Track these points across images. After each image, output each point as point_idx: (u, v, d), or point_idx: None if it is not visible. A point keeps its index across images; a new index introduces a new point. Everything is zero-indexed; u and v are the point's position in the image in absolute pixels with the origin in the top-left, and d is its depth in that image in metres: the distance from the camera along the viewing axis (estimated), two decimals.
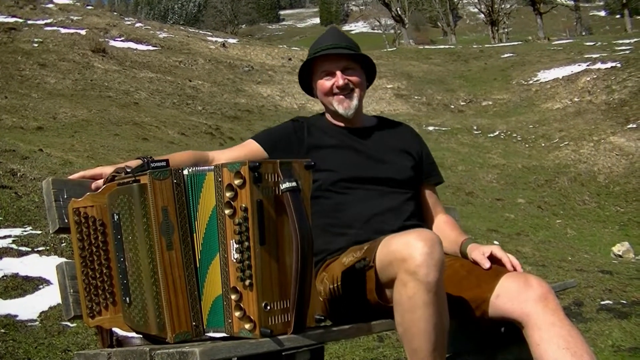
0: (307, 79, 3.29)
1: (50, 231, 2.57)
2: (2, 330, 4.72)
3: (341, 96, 3.12)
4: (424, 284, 2.34)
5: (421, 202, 3.29)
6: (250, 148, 3.06)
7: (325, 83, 3.15)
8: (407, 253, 2.37)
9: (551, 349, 2.45)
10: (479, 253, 2.85)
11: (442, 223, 3.25)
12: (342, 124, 3.22)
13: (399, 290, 2.41)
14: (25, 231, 6.55)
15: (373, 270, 2.58)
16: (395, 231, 2.72)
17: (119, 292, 2.31)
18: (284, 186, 2.17)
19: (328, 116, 3.28)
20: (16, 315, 5.02)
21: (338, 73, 3.11)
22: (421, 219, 3.19)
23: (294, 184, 2.18)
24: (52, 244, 6.22)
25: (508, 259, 2.81)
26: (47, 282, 5.50)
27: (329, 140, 3.13)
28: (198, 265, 2.25)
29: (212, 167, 2.23)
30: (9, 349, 4.40)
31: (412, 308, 2.38)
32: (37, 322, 4.96)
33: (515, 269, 2.76)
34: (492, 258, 2.82)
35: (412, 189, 3.19)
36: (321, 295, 2.82)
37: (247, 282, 2.14)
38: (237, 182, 2.14)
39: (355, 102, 3.14)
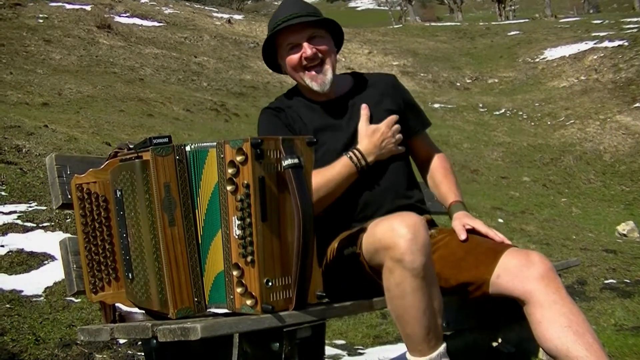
0: (273, 57, 3.07)
1: (54, 207, 2.58)
2: (8, 306, 4.74)
3: (313, 72, 2.93)
4: (410, 270, 2.33)
5: (415, 155, 3.17)
6: None
7: (293, 57, 2.93)
8: (391, 241, 2.36)
9: (553, 327, 2.44)
10: (459, 224, 2.81)
11: (434, 171, 3.14)
12: (317, 99, 3.03)
13: (387, 278, 2.41)
14: (31, 207, 6.56)
15: (362, 256, 2.58)
16: (392, 211, 2.70)
17: (122, 268, 2.32)
18: (286, 163, 2.17)
19: (302, 92, 3.09)
20: (21, 291, 5.04)
21: (305, 44, 2.90)
22: (418, 185, 3.11)
23: (296, 160, 2.17)
24: (57, 220, 6.23)
25: (494, 233, 2.77)
26: (52, 258, 5.52)
27: (308, 124, 2.97)
28: (200, 242, 2.26)
29: (215, 143, 2.23)
30: (14, 324, 4.42)
31: (401, 295, 2.38)
32: (42, 298, 4.98)
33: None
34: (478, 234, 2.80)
35: (405, 151, 3.06)
36: None
37: (249, 258, 2.14)
38: (239, 158, 2.14)
39: (329, 75, 2.94)
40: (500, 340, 3.32)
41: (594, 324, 5.34)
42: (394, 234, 2.36)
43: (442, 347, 2.48)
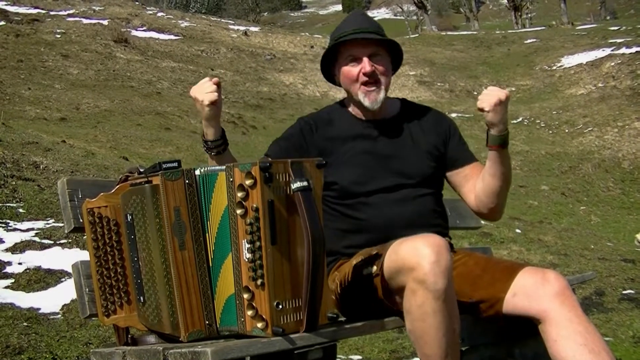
0: (328, 65, 3.12)
1: (66, 231, 2.60)
2: (25, 324, 4.76)
3: (368, 88, 2.95)
4: (433, 292, 2.33)
5: (466, 188, 3.08)
6: None
7: (351, 70, 2.96)
8: (415, 261, 2.36)
9: (569, 345, 2.45)
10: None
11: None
12: (362, 117, 3.06)
13: (409, 299, 2.41)
14: (48, 224, 6.60)
15: (379, 277, 2.57)
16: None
17: (134, 291, 2.34)
18: (295, 186, 2.18)
19: (349, 106, 3.12)
20: (39, 309, 5.06)
21: (365, 59, 2.93)
22: (444, 216, 3.10)
23: (305, 183, 2.18)
24: (74, 237, 6.25)
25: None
26: (70, 275, 5.53)
27: (344, 135, 3.01)
28: (211, 265, 2.27)
29: (224, 167, 2.24)
30: (31, 342, 4.43)
31: (422, 316, 2.38)
32: (60, 315, 5.00)
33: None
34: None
35: (437, 184, 3.07)
36: (333, 294, 2.81)
37: (259, 281, 2.15)
38: (248, 182, 2.15)
39: (382, 94, 2.97)
40: (515, 356, 3.31)
41: (611, 336, 5.31)
42: (417, 255, 2.37)
43: None
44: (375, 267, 2.61)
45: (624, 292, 6.67)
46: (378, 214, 2.90)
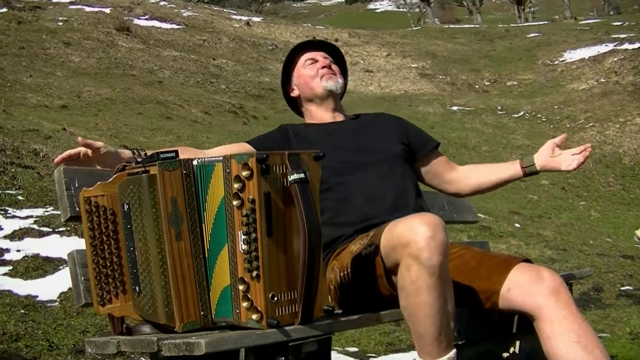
0: (287, 91, 3.41)
1: (62, 220, 2.59)
2: (22, 311, 4.77)
3: (328, 73, 3.24)
4: (427, 268, 2.33)
5: (437, 168, 3.37)
6: (244, 149, 3.09)
7: (310, 69, 3.27)
8: (410, 237, 2.36)
9: (562, 342, 2.46)
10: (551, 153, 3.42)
11: (468, 167, 3.45)
12: (323, 121, 3.29)
13: (403, 275, 2.41)
14: (47, 211, 6.59)
15: (379, 256, 2.58)
16: (400, 208, 2.89)
17: (129, 281, 2.32)
18: (291, 177, 2.17)
19: (309, 119, 3.36)
20: (36, 296, 5.06)
21: (321, 56, 3.29)
22: (424, 200, 3.20)
23: (302, 175, 2.17)
24: (73, 225, 6.25)
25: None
26: (68, 263, 5.54)
27: (314, 136, 3.18)
28: (207, 256, 2.26)
29: (221, 158, 2.23)
30: (28, 330, 4.44)
31: (416, 292, 2.37)
32: (57, 303, 5.00)
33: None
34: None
35: (410, 167, 3.23)
36: (332, 283, 2.83)
37: (254, 273, 2.14)
38: (244, 173, 2.15)
39: (341, 81, 3.28)
40: (511, 351, 3.31)
41: (609, 332, 5.32)
42: (412, 231, 2.37)
43: (453, 353, 2.47)
44: (373, 247, 2.63)
45: (622, 288, 6.67)
46: (362, 194, 3.00)
